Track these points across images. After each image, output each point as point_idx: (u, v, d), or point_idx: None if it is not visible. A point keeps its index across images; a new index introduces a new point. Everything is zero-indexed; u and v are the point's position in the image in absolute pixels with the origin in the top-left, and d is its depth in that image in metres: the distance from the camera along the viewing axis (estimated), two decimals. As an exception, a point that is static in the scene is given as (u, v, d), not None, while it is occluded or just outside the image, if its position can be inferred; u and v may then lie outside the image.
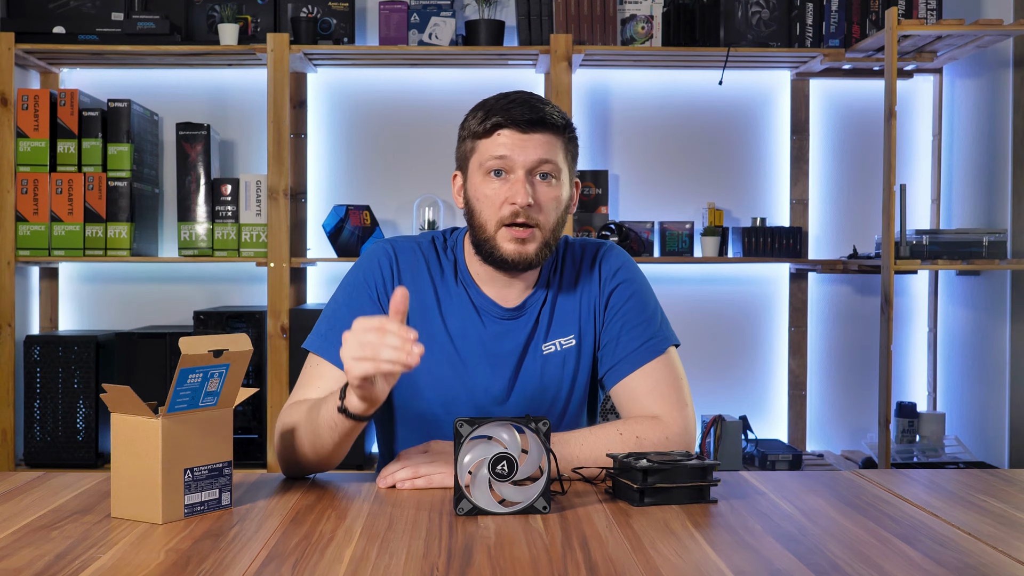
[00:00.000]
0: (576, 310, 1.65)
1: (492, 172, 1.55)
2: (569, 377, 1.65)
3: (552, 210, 1.57)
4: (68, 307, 3.42)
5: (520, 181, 1.53)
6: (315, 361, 1.59)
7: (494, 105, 1.56)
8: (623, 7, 3.24)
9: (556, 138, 1.56)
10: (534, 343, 1.63)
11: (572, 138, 1.60)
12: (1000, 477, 1.54)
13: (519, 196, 1.52)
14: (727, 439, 3.17)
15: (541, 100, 1.57)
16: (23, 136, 3.11)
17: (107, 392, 1.25)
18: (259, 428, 3.14)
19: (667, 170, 3.49)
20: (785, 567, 1.08)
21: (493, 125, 1.54)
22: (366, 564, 1.09)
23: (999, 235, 2.99)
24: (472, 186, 1.59)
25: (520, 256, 1.55)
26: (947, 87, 3.44)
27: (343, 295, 1.63)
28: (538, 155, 1.54)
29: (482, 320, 1.62)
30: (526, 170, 1.54)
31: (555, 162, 1.56)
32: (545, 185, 1.55)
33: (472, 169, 1.58)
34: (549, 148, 1.55)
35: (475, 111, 1.58)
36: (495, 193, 1.55)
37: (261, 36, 3.22)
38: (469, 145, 1.58)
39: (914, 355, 3.53)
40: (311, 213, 3.41)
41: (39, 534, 1.20)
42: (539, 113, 1.54)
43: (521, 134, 1.53)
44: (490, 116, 1.54)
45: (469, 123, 1.59)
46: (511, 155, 1.53)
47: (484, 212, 1.57)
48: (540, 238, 1.56)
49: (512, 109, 1.54)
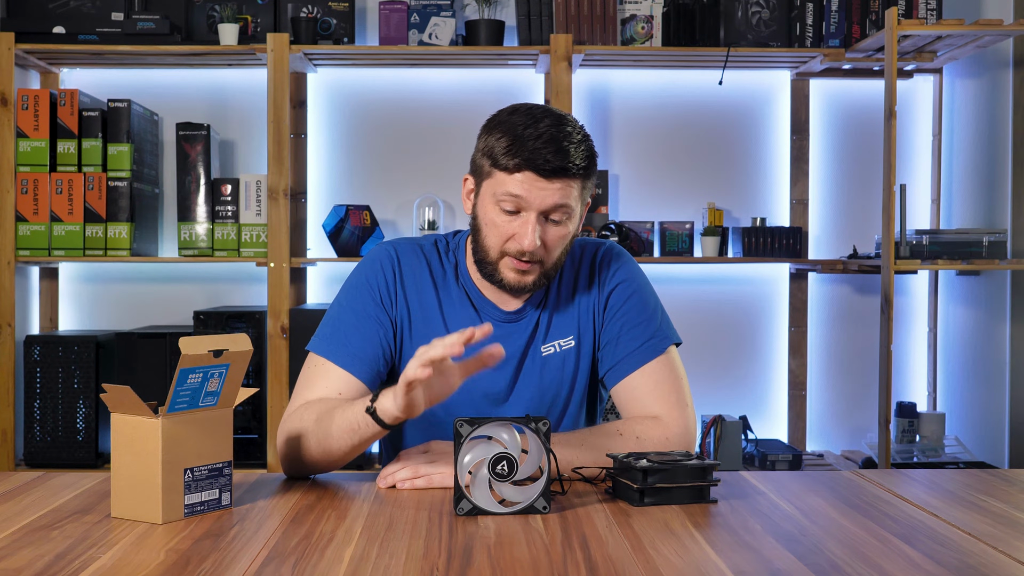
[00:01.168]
0: (575, 311, 1.65)
1: (504, 208, 1.52)
2: (568, 378, 1.65)
3: (558, 247, 1.56)
4: (68, 307, 3.42)
5: (531, 224, 1.51)
6: (318, 361, 1.58)
7: (522, 138, 1.49)
8: (623, 7, 3.24)
9: (575, 181, 1.52)
10: (533, 345, 1.64)
11: (591, 175, 1.56)
12: (1000, 477, 1.54)
13: (527, 240, 1.50)
14: (727, 439, 3.17)
15: (569, 138, 1.50)
16: (23, 136, 3.11)
17: (107, 392, 1.25)
18: (259, 428, 3.14)
19: (667, 170, 3.49)
20: (785, 567, 1.08)
21: (516, 165, 1.49)
22: (366, 564, 1.09)
23: (999, 235, 2.99)
24: (482, 208, 1.55)
25: (519, 284, 1.56)
26: (947, 87, 3.44)
27: (346, 297, 1.63)
28: (554, 200, 1.51)
29: (481, 321, 1.62)
30: (539, 212, 1.51)
31: (569, 205, 1.53)
32: (554, 226, 1.54)
33: (485, 192, 1.55)
34: (566, 194, 1.51)
35: (501, 134, 1.51)
36: (505, 225, 1.53)
37: (261, 36, 3.22)
38: (488, 167, 1.53)
39: (914, 355, 3.53)
40: (311, 213, 3.41)
41: (39, 534, 1.20)
42: (564, 160, 1.48)
43: (542, 179, 1.49)
44: (516, 152, 1.48)
45: (492, 144, 1.52)
46: (527, 197, 1.50)
47: (489, 238, 1.55)
48: (540, 271, 1.56)
49: (540, 150, 1.48)
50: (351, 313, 1.60)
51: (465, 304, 1.63)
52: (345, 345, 1.57)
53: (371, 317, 1.60)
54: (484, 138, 1.55)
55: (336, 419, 1.44)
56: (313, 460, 1.49)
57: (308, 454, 1.48)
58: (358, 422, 1.41)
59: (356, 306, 1.61)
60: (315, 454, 1.47)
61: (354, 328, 1.59)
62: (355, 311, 1.60)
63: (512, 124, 1.51)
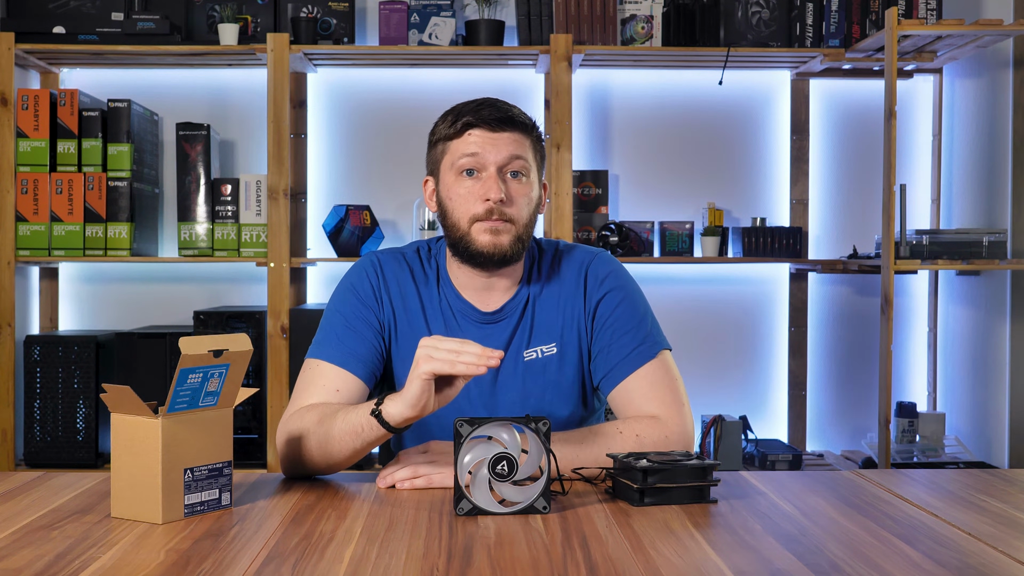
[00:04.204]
0: (559, 318, 1.66)
1: (464, 172, 1.58)
2: (552, 385, 1.65)
3: (524, 206, 1.60)
4: (68, 307, 3.42)
5: (492, 178, 1.57)
6: (314, 364, 1.61)
7: (462, 108, 1.61)
8: (623, 7, 3.24)
9: (525, 137, 1.60)
10: (513, 349, 1.64)
11: (539, 138, 1.65)
12: (1000, 477, 1.54)
13: (492, 192, 1.56)
14: (727, 439, 3.17)
15: (507, 103, 1.62)
16: (23, 136, 3.11)
17: (107, 392, 1.25)
18: (259, 428, 3.14)
19: (667, 170, 3.49)
20: (785, 567, 1.08)
21: (464, 125, 1.58)
22: (366, 564, 1.09)
23: (999, 235, 2.99)
24: (444, 187, 1.62)
25: (495, 248, 1.58)
26: (947, 87, 3.44)
27: (335, 304, 1.68)
28: (509, 151, 1.58)
29: (459, 325, 1.64)
30: (497, 167, 1.58)
31: (525, 159, 1.60)
32: (516, 183, 1.59)
33: (444, 170, 1.62)
34: (519, 146, 1.59)
35: (444, 116, 1.63)
36: (468, 192, 1.58)
37: (261, 36, 3.22)
38: (440, 148, 1.63)
39: (914, 355, 3.53)
40: (311, 213, 3.41)
41: (39, 534, 1.20)
42: (507, 112, 1.59)
43: (491, 133, 1.58)
44: (460, 117, 1.59)
45: (438, 128, 1.63)
46: (482, 152, 1.57)
47: (457, 210, 1.59)
48: (514, 231, 1.59)
49: (481, 110, 1.59)
50: (341, 317, 1.64)
51: (444, 307, 1.66)
52: (339, 345, 1.60)
53: (361, 319, 1.63)
54: (431, 135, 1.67)
55: (338, 422, 1.44)
56: (313, 462, 1.49)
57: (308, 456, 1.49)
58: (362, 425, 1.41)
59: (345, 310, 1.65)
60: (315, 456, 1.48)
61: (345, 329, 1.62)
62: (344, 315, 1.64)
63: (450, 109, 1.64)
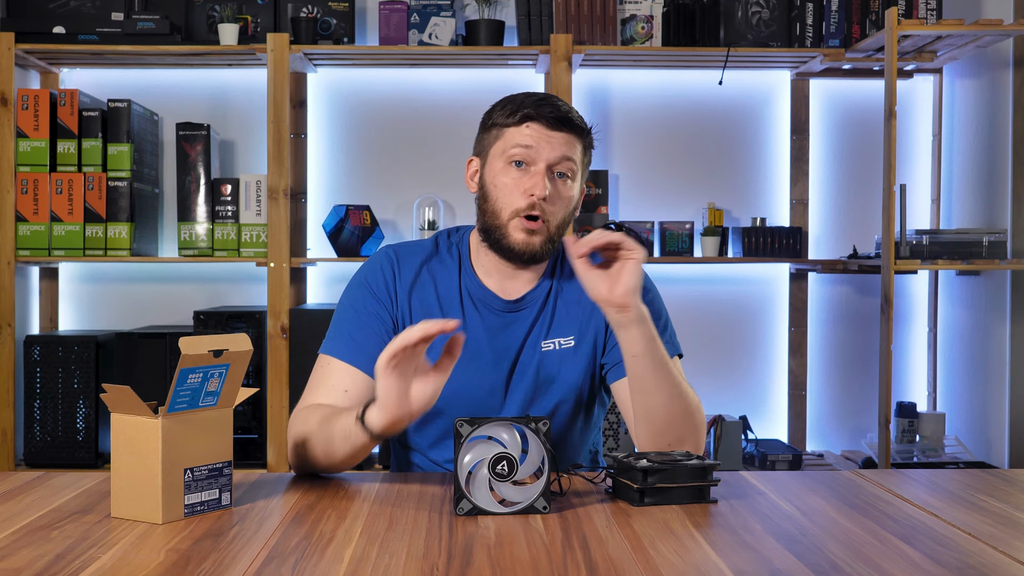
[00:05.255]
0: (578, 312, 1.67)
1: (514, 162, 1.59)
2: (566, 377, 1.65)
3: (562, 208, 1.61)
4: (68, 307, 3.42)
5: (541, 174, 1.58)
6: (325, 361, 1.62)
7: (524, 99, 1.61)
8: (623, 7, 3.24)
9: (578, 140, 1.61)
10: (532, 338, 1.65)
11: (590, 144, 1.66)
12: (1000, 477, 1.54)
13: (538, 188, 1.57)
14: (727, 439, 3.17)
15: (566, 103, 1.63)
16: (23, 136, 3.11)
17: (107, 392, 1.25)
18: (259, 428, 3.13)
19: (667, 170, 3.49)
20: (785, 567, 1.08)
21: (523, 116, 1.59)
22: (366, 564, 1.09)
23: (999, 235, 2.99)
24: (491, 172, 1.62)
25: (527, 247, 1.60)
26: (947, 87, 3.44)
27: (347, 299, 1.68)
28: (561, 152, 1.59)
29: (480, 313, 1.65)
30: (548, 164, 1.59)
31: (574, 161, 1.61)
32: (561, 183, 1.61)
33: (494, 155, 1.62)
34: (571, 148, 1.60)
35: (503, 103, 1.63)
36: (514, 182, 1.59)
37: (261, 36, 3.22)
38: (495, 133, 1.63)
39: (914, 355, 3.53)
40: (311, 213, 3.41)
41: (39, 534, 1.20)
42: (567, 113, 1.60)
43: (548, 130, 1.59)
44: (520, 108, 1.60)
45: (495, 112, 1.64)
46: (536, 147, 1.58)
47: (501, 199, 1.60)
48: (547, 233, 1.60)
49: (542, 106, 1.59)
50: (352, 312, 1.65)
51: (465, 295, 1.66)
52: (349, 342, 1.61)
53: (372, 314, 1.64)
54: (486, 118, 1.66)
55: (336, 424, 1.45)
56: (318, 462, 1.51)
57: (314, 457, 1.50)
58: (350, 429, 1.42)
59: (357, 305, 1.65)
60: (319, 457, 1.49)
61: (356, 325, 1.63)
62: (356, 310, 1.65)
63: (512, 96, 1.64)
